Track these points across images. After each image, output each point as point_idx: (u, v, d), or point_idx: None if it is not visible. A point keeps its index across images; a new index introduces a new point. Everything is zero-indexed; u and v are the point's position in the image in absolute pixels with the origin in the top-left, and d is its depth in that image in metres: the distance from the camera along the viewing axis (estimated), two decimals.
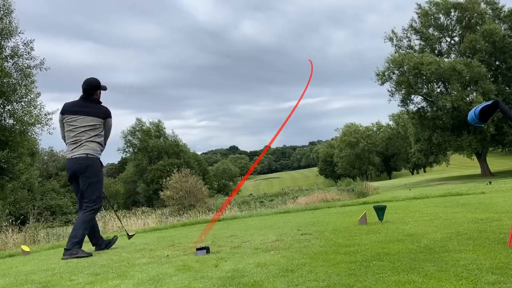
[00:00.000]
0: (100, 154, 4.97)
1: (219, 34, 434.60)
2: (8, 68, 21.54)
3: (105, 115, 5.00)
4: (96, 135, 4.90)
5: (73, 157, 4.85)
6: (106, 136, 5.10)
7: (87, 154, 4.81)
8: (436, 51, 43.24)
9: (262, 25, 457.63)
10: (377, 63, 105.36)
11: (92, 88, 5.00)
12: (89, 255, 4.55)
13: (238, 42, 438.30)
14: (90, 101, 4.99)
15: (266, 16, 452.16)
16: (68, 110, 4.93)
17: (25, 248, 6.32)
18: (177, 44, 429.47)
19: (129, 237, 6.05)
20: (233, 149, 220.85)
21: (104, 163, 5.50)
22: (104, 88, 5.12)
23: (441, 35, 43.68)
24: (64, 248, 4.66)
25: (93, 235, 5.10)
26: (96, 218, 6.04)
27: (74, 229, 4.78)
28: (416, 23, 43.06)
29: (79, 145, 4.83)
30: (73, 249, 4.54)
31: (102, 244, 5.17)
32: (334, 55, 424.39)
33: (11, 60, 21.88)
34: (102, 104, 5.11)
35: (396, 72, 41.06)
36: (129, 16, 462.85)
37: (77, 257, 4.45)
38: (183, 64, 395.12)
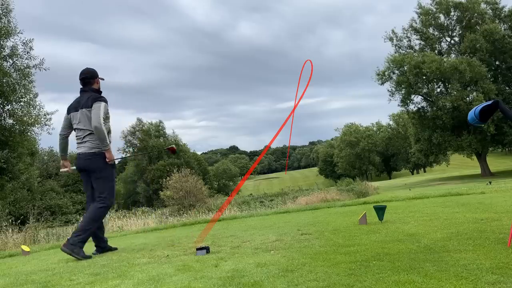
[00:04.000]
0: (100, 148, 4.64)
1: (217, 35, 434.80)
2: (7, 68, 21.51)
3: (92, 102, 4.58)
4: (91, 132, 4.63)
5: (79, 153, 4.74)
6: (93, 119, 4.51)
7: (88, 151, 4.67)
8: (436, 51, 43.22)
9: (260, 26, 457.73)
10: (374, 63, 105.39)
11: (83, 78, 4.79)
12: (89, 257, 4.44)
13: (236, 43, 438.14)
14: (85, 93, 4.73)
15: (263, 17, 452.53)
16: (71, 108, 4.78)
17: (25, 248, 6.33)
18: (175, 44, 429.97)
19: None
20: (233, 149, 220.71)
21: None
22: (101, 78, 4.93)
23: (441, 35, 43.67)
24: (68, 239, 4.49)
25: (96, 236, 4.89)
26: None
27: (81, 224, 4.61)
28: (416, 22, 43.09)
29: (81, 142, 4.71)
30: (76, 246, 4.37)
31: (105, 248, 4.93)
32: (332, 55, 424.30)
33: (10, 60, 21.84)
34: (97, 93, 4.78)
35: (396, 72, 41.09)
36: (126, 17, 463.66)
37: (76, 257, 4.35)
38: (181, 65, 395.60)
